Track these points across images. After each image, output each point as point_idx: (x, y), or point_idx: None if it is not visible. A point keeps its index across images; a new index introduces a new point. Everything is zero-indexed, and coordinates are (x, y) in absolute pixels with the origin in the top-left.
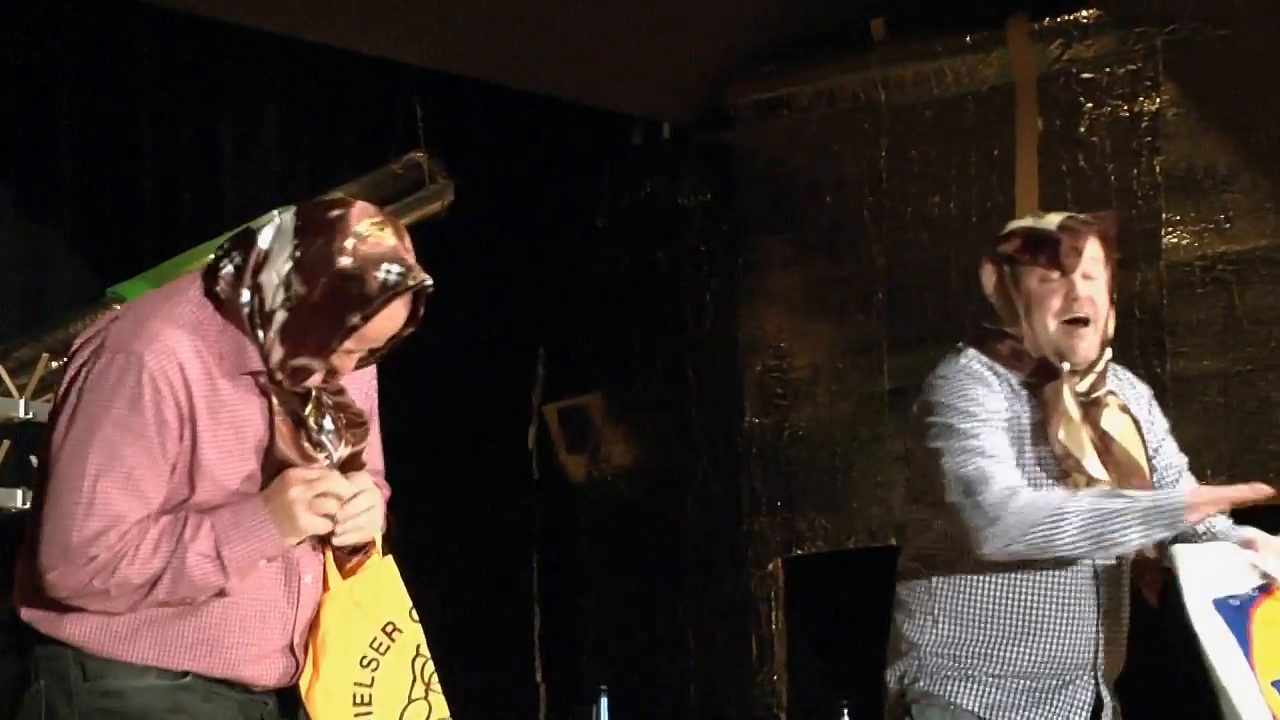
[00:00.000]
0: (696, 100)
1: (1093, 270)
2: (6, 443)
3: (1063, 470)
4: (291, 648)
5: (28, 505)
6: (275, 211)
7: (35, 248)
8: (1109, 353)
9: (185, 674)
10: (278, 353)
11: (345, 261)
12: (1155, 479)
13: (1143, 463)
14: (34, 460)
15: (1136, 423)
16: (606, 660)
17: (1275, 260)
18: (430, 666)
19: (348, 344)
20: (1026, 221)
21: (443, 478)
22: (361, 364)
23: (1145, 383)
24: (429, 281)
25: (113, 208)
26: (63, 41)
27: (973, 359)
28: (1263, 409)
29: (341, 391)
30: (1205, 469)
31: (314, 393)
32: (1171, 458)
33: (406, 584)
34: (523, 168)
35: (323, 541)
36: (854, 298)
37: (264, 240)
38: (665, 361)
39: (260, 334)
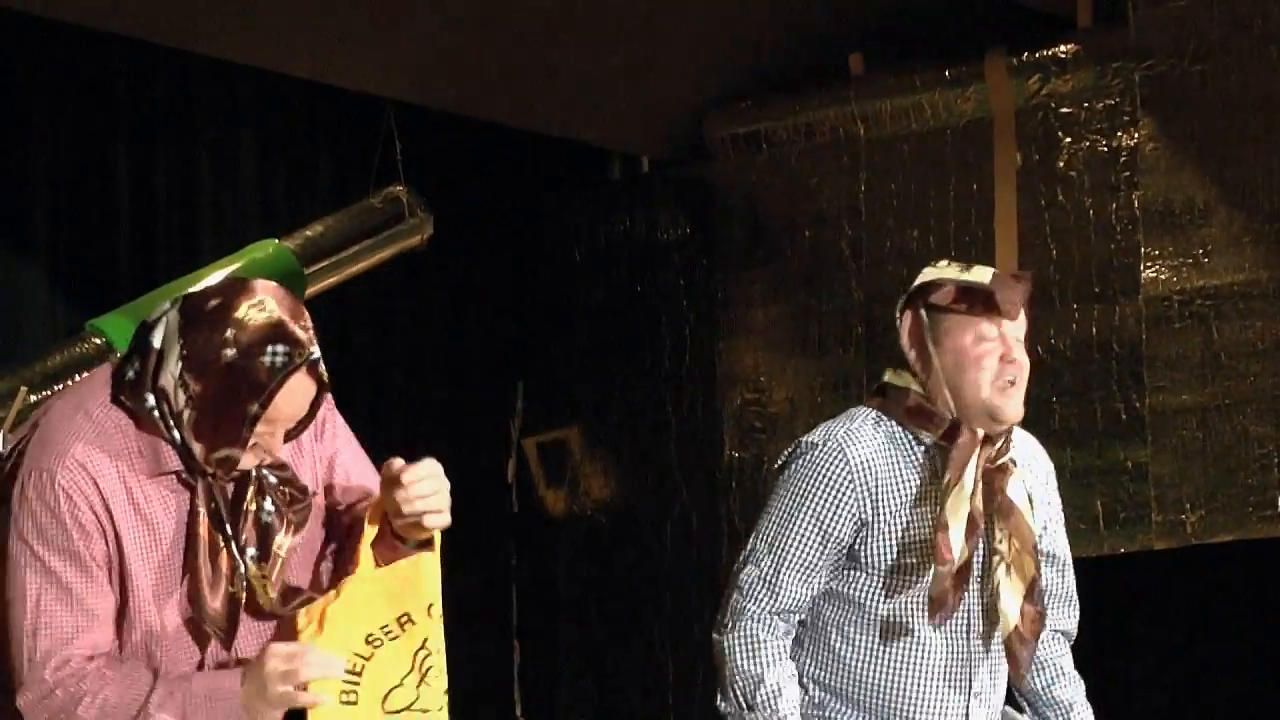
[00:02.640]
0: (675, 135)
1: (1020, 330)
2: None
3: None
4: None
5: None
6: (167, 303)
7: (13, 280)
8: None
9: None
10: (198, 449)
11: (230, 353)
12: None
13: (1033, 539)
14: None
15: (1030, 499)
16: (586, 695)
17: (1253, 294)
18: (431, 660)
19: (260, 428)
20: (951, 273)
21: None
22: (291, 436)
23: (1047, 457)
24: (315, 354)
25: (91, 241)
26: (38, 74)
27: (871, 423)
28: (1240, 443)
29: (284, 466)
30: (1184, 503)
31: (254, 472)
32: (1057, 546)
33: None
34: (502, 202)
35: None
36: (832, 332)
37: (156, 341)
38: (644, 395)
39: (176, 434)
